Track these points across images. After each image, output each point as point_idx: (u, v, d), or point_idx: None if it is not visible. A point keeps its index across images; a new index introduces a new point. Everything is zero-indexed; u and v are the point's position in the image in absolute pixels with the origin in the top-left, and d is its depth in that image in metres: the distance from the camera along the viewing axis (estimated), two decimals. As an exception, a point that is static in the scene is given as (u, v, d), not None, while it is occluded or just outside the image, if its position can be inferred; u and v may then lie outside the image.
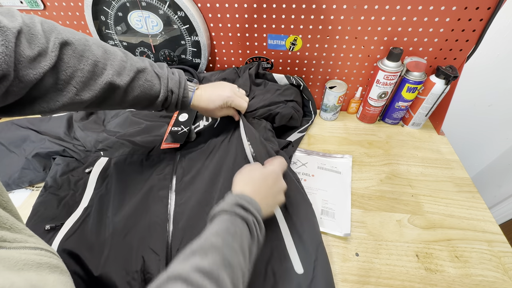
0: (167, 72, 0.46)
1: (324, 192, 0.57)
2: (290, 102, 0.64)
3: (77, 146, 0.62)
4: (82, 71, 0.36)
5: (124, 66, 0.41)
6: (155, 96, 0.45)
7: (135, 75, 0.42)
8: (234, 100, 0.53)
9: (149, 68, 0.44)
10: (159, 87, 0.45)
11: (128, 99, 0.43)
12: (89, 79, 0.37)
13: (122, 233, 0.46)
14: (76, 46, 0.35)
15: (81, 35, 0.37)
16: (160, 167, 0.55)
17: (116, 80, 0.39)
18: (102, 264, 0.42)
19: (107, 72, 0.38)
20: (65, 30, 0.35)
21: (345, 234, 0.50)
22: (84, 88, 0.37)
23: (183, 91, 0.47)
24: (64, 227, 0.48)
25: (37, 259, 0.22)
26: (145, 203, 0.50)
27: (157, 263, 0.42)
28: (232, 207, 0.35)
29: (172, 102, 0.47)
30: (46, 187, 0.55)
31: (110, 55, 0.40)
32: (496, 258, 0.47)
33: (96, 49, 0.38)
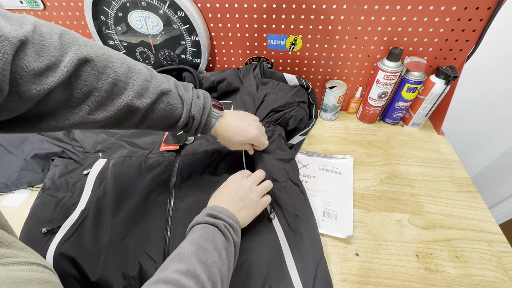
0: (192, 96, 0.43)
1: (326, 193, 0.57)
2: (302, 103, 0.65)
3: (76, 147, 0.61)
4: (100, 90, 0.33)
5: (147, 86, 0.37)
6: (175, 120, 0.42)
7: (157, 98, 0.38)
8: (259, 139, 0.50)
9: (174, 90, 0.41)
10: (181, 111, 0.41)
11: (146, 122, 0.40)
12: (106, 99, 0.34)
13: (119, 237, 0.45)
14: (96, 63, 0.32)
15: (104, 49, 0.35)
16: (159, 170, 0.55)
17: (135, 102, 0.36)
18: (100, 269, 0.42)
19: (127, 92, 0.35)
20: (87, 44, 0.33)
21: (348, 236, 0.49)
22: (99, 108, 0.34)
23: (206, 118, 0.44)
24: (61, 230, 0.47)
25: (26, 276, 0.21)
26: (144, 207, 0.49)
27: (154, 269, 0.42)
28: (203, 217, 0.38)
29: (192, 127, 0.44)
30: (44, 189, 0.55)
31: (133, 74, 0.36)
32: (496, 258, 0.47)
33: (119, 66, 0.35)
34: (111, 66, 0.34)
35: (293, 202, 0.49)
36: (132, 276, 0.42)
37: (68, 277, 0.43)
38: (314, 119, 0.74)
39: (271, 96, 0.64)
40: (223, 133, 0.47)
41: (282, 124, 0.63)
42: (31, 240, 0.46)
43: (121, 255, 0.44)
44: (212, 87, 0.69)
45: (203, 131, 0.45)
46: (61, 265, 0.43)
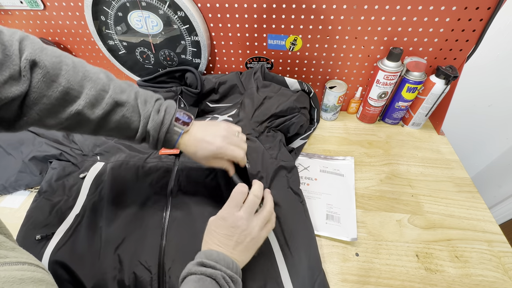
0: (152, 110, 0.39)
1: (328, 196, 0.56)
2: (303, 109, 0.64)
3: (74, 150, 0.61)
4: (49, 98, 0.32)
5: (102, 96, 0.36)
6: (132, 133, 0.40)
7: (111, 109, 0.36)
8: (226, 151, 0.43)
9: (132, 103, 0.38)
10: (137, 124, 0.39)
11: (101, 131, 0.38)
12: (56, 106, 0.33)
13: (114, 245, 0.45)
14: (48, 70, 0.31)
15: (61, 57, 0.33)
16: (156, 176, 0.53)
17: (87, 112, 0.34)
18: (94, 277, 0.42)
19: (79, 101, 0.34)
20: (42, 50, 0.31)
21: (352, 239, 0.49)
22: (49, 116, 0.33)
23: (165, 135, 0.40)
24: (55, 236, 0.47)
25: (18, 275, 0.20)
26: (140, 215, 0.48)
27: (149, 280, 0.41)
28: (197, 267, 0.33)
29: (151, 142, 0.41)
30: (41, 192, 0.54)
31: (89, 83, 0.35)
32: (496, 258, 0.47)
33: (73, 74, 0.33)
34: (64, 74, 0.33)
35: (292, 214, 0.48)
36: (127, 285, 0.41)
37: (65, 284, 0.43)
38: (315, 123, 0.73)
39: (272, 100, 0.63)
40: (186, 148, 0.43)
41: (282, 130, 0.62)
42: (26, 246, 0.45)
43: (115, 264, 0.43)
44: (214, 88, 0.69)
45: (166, 146, 0.42)
46: (56, 272, 0.43)
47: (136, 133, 0.39)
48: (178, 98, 0.68)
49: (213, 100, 0.70)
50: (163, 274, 0.42)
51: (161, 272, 0.42)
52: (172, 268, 0.42)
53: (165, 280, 0.41)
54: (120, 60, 0.74)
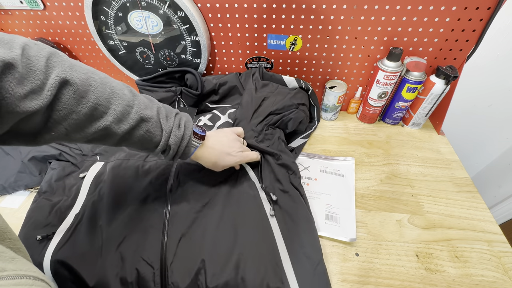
0: (173, 125, 0.42)
1: (328, 196, 0.56)
2: (301, 105, 0.64)
3: (74, 150, 0.61)
4: (78, 113, 0.33)
5: (128, 112, 0.37)
6: (153, 146, 0.42)
7: (137, 124, 0.38)
8: (245, 159, 0.52)
9: (155, 118, 0.41)
10: (159, 138, 0.41)
11: (123, 144, 0.40)
12: (84, 122, 0.34)
13: (116, 242, 0.45)
14: (79, 87, 0.32)
15: (89, 73, 0.35)
16: (156, 174, 0.54)
17: (113, 127, 0.36)
18: (97, 275, 0.42)
19: (107, 117, 0.35)
20: (72, 68, 0.32)
21: (351, 240, 0.49)
22: (76, 131, 0.34)
23: (184, 148, 0.44)
24: (56, 236, 0.47)
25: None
26: (140, 212, 0.49)
27: (152, 275, 0.42)
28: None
29: (169, 155, 0.44)
30: (40, 193, 0.54)
31: (115, 99, 0.36)
32: (496, 258, 0.47)
33: (102, 91, 0.35)
34: (93, 91, 0.34)
35: (294, 206, 0.49)
36: (130, 281, 0.41)
37: (67, 282, 0.43)
38: (316, 122, 0.73)
39: (269, 100, 0.63)
40: (206, 160, 0.48)
41: (281, 127, 0.63)
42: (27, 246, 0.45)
43: (118, 261, 0.43)
44: (214, 89, 0.69)
45: (182, 158, 0.46)
46: (58, 271, 0.43)
47: (156, 146, 0.42)
48: (177, 99, 0.68)
49: (213, 101, 0.70)
50: (165, 269, 0.42)
51: (163, 267, 0.42)
52: (174, 263, 0.43)
53: (167, 275, 0.42)
54: (120, 60, 0.74)
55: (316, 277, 0.42)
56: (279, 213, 0.48)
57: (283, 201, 0.50)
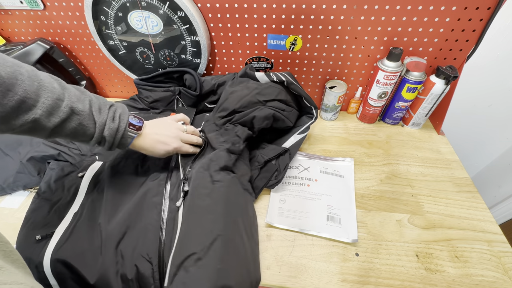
0: (107, 118, 0.43)
1: (329, 197, 0.56)
2: (270, 102, 0.59)
3: (72, 150, 0.61)
4: (4, 106, 0.32)
5: (58, 105, 0.37)
6: (87, 138, 0.43)
7: (67, 117, 0.38)
8: (180, 149, 0.53)
9: (87, 111, 0.41)
10: (93, 131, 0.42)
11: (56, 136, 0.40)
12: (10, 114, 0.34)
13: (115, 240, 0.45)
14: (4, 80, 0.32)
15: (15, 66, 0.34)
16: (155, 172, 0.54)
17: (43, 120, 0.36)
18: (97, 272, 0.42)
19: (36, 110, 0.35)
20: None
21: (353, 240, 0.49)
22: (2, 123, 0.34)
23: (120, 140, 0.45)
24: (55, 235, 0.47)
25: None
26: (139, 209, 0.49)
27: (151, 271, 0.42)
28: None
29: (106, 146, 0.45)
30: (39, 193, 0.54)
31: (45, 92, 0.36)
32: (496, 258, 0.47)
33: (30, 84, 0.34)
34: (20, 84, 0.33)
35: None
36: (130, 278, 0.42)
37: (68, 280, 0.43)
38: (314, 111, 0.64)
39: (235, 95, 0.60)
40: (143, 147, 0.49)
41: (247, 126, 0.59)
42: (27, 246, 0.46)
43: (118, 258, 0.43)
44: (212, 90, 0.69)
45: (120, 148, 0.47)
46: (58, 270, 0.43)
47: (91, 138, 0.43)
48: (176, 98, 0.68)
49: (211, 101, 0.70)
50: (164, 265, 0.42)
51: (162, 263, 0.43)
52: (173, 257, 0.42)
53: (165, 271, 0.42)
54: (120, 60, 0.74)
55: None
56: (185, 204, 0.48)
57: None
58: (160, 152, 0.51)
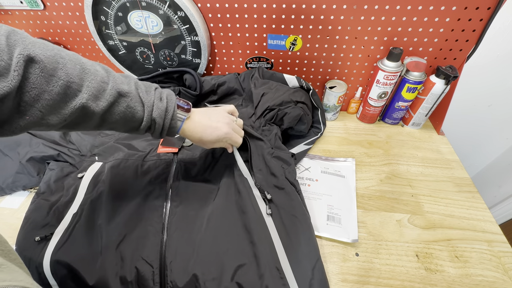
0: (154, 98, 0.41)
1: (329, 197, 0.56)
2: (300, 103, 0.63)
3: (72, 150, 0.61)
4: (50, 93, 0.31)
5: (103, 88, 0.35)
6: (137, 124, 0.40)
7: (115, 100, 0.36)
8: (231, 137, 0.48)
9: (134, 92, 0.38)
10: (142, 114, 0.39)
11: (106, 125, 0.38)
12: (59, 102, 0.32)
13: (115, 241, 0.45)
14: (45, 64, 0.30)
15: (55, 50, 0.32)
16: (155, 173, 0.54)
17: (91, 105, 0.34)
18: (97, 274, 0.42)
19: (82, 95, 0.33)
20: (35, 44, 0.30)
21: (353, 240, 0.49)
22: (52, 112, 0.32)
23: (170, 122, 0.42)
24: (54, 236, 0.47)
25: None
26: (140, 211, 0.49)
27: (151, 274, 0.42)
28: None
29: (156, 130, 0.42)
30: (39, 193, 0.54)
31: (88, 75, 0.34)
32: (496, 258, 0.47)
33: (72, 68, 0.33)
34: (62, 68, 0.32)
35: (290, 203, 0.49)
36: (129, 280, 0.42)
37: (67, 281, 0.43)
38: (322, 127, 0.69)
39: (268, 95, 0.63)
40: (192, 134, 0.46)
41: (277, 123, 0.62)
42: (27, 247, 0.46)
43: (117, 260, 0.43)
44: (212, 90, 0.69)
45: (169, 134, 0.43)
46: (58, 271, 0.43)
47: (141, 123, 0.40)
48: (176, 98, 0.68)
49: (211, 101, 0.70)
50: (165, 268, 0.42)
51: (163, 266, 0.42)
52: (174, 262, 0.43)
53: (166, 274, 0.42)
54: (120, 60, 0.74)
55: (314, 276, 0.41)
56: (275, 211, 0.47)
57: (278, 199, 0.49)
58: (211, 137, 0.46)
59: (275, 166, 0.52)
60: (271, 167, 0.52)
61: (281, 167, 0.53)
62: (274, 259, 0.42)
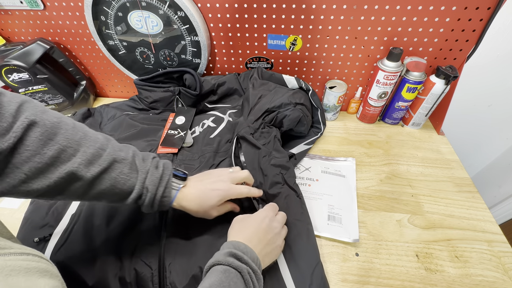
0: (150, 166, 0.39)
1: (330, 197, 0.56)
2: (299, 105, 0.62)
3: None
4: (43, 156, 0.30)
5: (100, 154, 0.35)
6: (127, 192, 0.37)
7: (108, 166, 0.35)
8: (234, 191, 0.44)
9: (130, 159, 0.37)
10: (134, 181, 0.37)
11: (92, 193, 0.35)
12: (48, 165, 0.31)
13: (114, 242, 0.45)
14: (47, 128, 0.30)
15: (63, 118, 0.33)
16: None
17: (82, 170, 0.33)
18: (96, 275, 0.42)
19: (75, 159, 0.32)
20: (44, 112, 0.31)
21: (354, 240, 0.49)
22: (36, 176, 0.31)
23: (163, 190, 0.39)
24: (53, 237, 0.47)
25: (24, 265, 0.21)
26: (139, 212, 0.48)
27: (150, 275, 0.42)
28: (225, 257, 0.34)
29: (147, 201, 0.38)
30: None
31: (87, 141, 0.34)
32: (496, 258, 0.47)
33: (73, 134, 0.33)
34: (63, 133, 0.32)
35: (290, 207, 0.49)
36: (129, 281, 0.41)
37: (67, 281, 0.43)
38: (322, 127, 0.69)
39: (266, 97, 0.63)
40: (188, 203, 0.41)
41: (276, 125, 0.62)
42: None
43: (116, 261, 0.43)
44: (212, 90, 0.69)
45: (162, 206, 0.40)
46: None
47: (131, 192, 0.37)
48: (176, 98, 0.68)
49: (211, 101, 0.70)
50: (164, 269, 0.42)
51: (162, 268, 0.42)
52: (173, 263, 0.43)
53: (165, 275, 0.42)
54: (120, 60, 0.74)
55: (313, 281, 0.42)
56: None
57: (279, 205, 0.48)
58: (212, 201, 0.42)
59: (273, 176, 0.52)
60: (269, 176, 0.52)
61: (280, 173, 0.53)
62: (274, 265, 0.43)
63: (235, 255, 0.34)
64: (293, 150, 0.63)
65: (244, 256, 0.34)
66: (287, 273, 0.42)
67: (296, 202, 0.50)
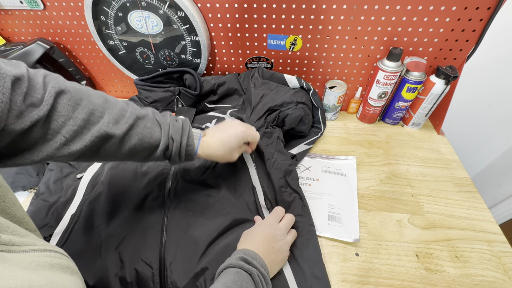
0: (170, 120, 0.42)
1: (330, 196, 0.56)
2: (301, 104, 0.63)
3: None
4: (75, 119, 0.34)
5: (123, 114, 0.38)
6: (155, 145, 0.40)
7: (133, 122, 0.39)
8: (250, 132, 0.49)
9: (150, 115, 0.41)
10: (159, 134, 0.40)
11: (124, 149, 0.39)
12: (82, 128, 0.35)
13: (114, 242, 0.45)
14: (72, 95, 0.34)
15: (83, 87, 0.36)
16: (155, 174, 0.54)
17: (111, 128, 0.36)
18: (96, 274, 0.42)
19: (103, 120, 0.36)
20: (66, 82, 0.35)
21: (355, 240, 0.49)
22: (74, 138, 0.34)
23: (187, 139, 0.42)
24: (53, 238, 0.47)
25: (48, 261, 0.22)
26: (139, 212, 0.48)
27: (151, 275, 0.42)
28: (236, 261, 0.38)
29: (174, 151, 0.42)
30: (38, 194, 0.54)
31: (110, 104, 0.38)
32: (496, 258, 0.47)
33: (96, 99, 0.37)
34: (87, 98, 0.36)
35: (293, 209, 0.50)
36: (129, 281, 0.42)
37: None
38: (322, 127, 0.70)
39: (268, 96, 0.63)
40: (210, 150, 0.45)
41: (278, 125, 0.62)
42: None
43: (117, 261, 0.43)
44: (212, 90, 0.69)
45: (188, 155, 0.43)
46: None
47: (159, 144, 0.41)
48: (176, 99, 0.68)
49: (211, 101, 0.70)
50: (165, 269, 0.42)
51: (163, 267, 0.42)
52: (174, 263, 0.43)
53: (166, 275, 0.42)
54: (120, 60, 0.74)
55: (315, 280, 0.42)
56: None
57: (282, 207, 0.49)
58: (234, 143, 0.46)
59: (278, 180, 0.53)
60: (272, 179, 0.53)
61: (283, 176, 0.54)
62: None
63: (245, 259, 0.38)
64: (293, 150, 0.63)
65: (253, 261, 0.38)
66: (289, 273, 0.43)
67: (299, 204, 0.51)
